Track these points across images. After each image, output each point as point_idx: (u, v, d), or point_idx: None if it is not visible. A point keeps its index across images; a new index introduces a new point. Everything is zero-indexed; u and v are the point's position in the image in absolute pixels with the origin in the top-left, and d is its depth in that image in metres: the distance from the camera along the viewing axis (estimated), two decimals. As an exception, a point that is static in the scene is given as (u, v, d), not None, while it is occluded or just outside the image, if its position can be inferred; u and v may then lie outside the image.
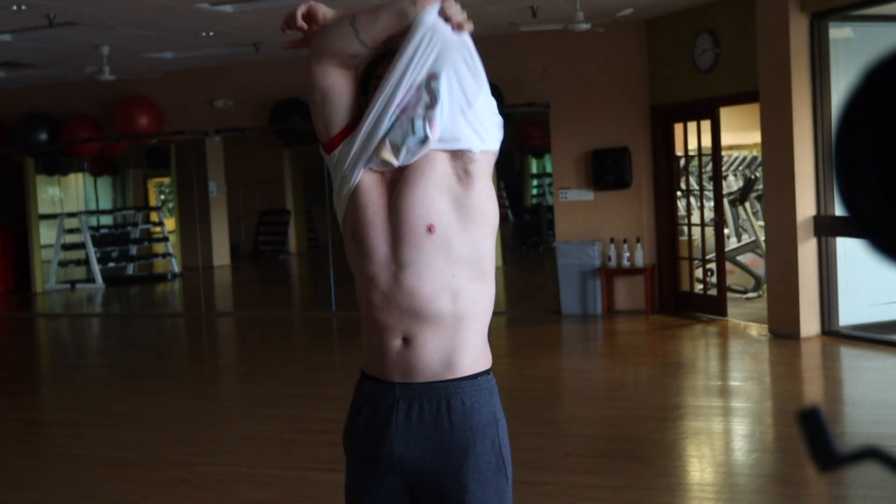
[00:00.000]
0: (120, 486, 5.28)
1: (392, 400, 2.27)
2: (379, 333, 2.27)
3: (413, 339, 2.24)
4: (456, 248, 2.21)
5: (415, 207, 2.19)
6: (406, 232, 2.20)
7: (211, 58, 11.67)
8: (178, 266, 16.96)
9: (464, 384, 2.26)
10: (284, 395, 7.32)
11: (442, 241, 2.19)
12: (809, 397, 6.76)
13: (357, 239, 2.27)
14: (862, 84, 0.85)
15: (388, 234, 2.22)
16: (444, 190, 2.21)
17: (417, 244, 2.19)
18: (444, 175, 2.21)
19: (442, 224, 2.19)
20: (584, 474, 5.13)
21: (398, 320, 2.24)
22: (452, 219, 2.20)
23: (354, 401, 2.37)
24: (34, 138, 13.04)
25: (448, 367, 2.25)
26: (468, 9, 2.05)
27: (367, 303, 2.29)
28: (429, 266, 2.20)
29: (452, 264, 2.21)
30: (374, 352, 2.30)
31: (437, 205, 2.19)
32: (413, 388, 2.26)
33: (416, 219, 2.19)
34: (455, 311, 2.23)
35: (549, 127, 10.87)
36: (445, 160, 2.22)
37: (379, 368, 2.30)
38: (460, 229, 2.21)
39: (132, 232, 17.64)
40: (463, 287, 2.23)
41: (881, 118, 0.84)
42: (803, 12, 8.30)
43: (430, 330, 2.23)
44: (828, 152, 8.34)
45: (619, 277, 10.43)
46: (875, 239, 0.86)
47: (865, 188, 0.85)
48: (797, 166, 8.34)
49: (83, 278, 16.01)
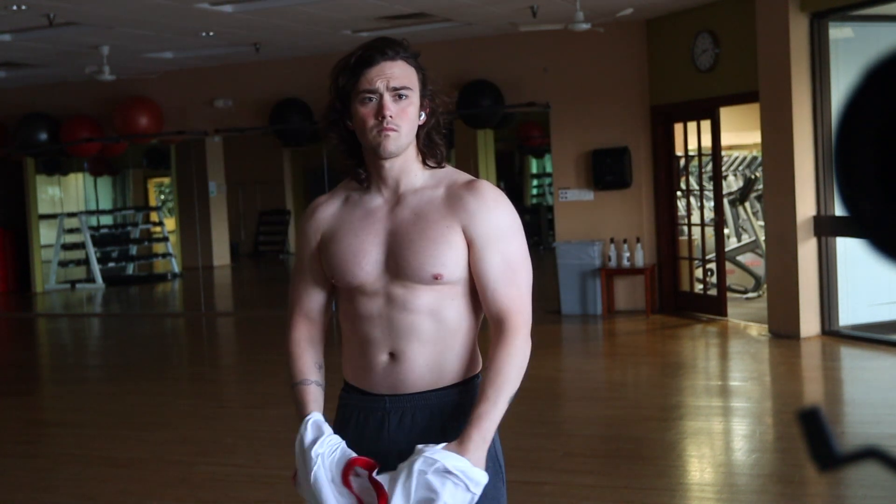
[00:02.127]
0: (120, 486, 5.28)
1: (382, 412, 2.26)
2: (364, 347, 2.26)
3: (400, 354, 2.23)
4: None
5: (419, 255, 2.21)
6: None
7: (211, 58, 11.66)
8: (178, 266, 16.96)
9: (455, 391, 2.26)
10: (284, 395, 7.27)
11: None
12: (809, 397, 6.76)
13: None
14: (862, 84, 0.85)
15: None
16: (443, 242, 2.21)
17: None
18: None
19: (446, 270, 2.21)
20: (584, 474, 5.13)
21: (385, 335, 2.23)
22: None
23: (340, 413, 2.34)
24: (34, 138, 13.04)
25: (438, 378, 2.24)
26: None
27: (352, 315, 2.28)
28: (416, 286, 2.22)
29: (440, 284, 2.21)
30: (359, 364, 2.29)
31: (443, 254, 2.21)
32: (403, 399, 2.25)
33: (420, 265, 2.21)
34: (442, 325, 2.22)
35: (549, 127, 10.86)
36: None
37: (365, 381, 2.28)
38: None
39: (132, 232, 17.64)
40: (448, 303, 2.23)
41: (881, 118, 0.84)
42: (803, 12, 8.29)
43: (418, 344, 2.22)
44: (828, 152, 8.34)
45: (619, 277, 10.43)
46: (875, 239, 0.86)
47: (865, 188, 0.85)
48: (797, 166, 8.33)
49: (83, 278, 16.01)
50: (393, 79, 2.17)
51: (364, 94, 2.17)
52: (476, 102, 10.73)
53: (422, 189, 2.25)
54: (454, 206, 2.21)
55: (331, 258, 2.27)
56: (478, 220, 2.19)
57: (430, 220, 2.20)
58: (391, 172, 2.24)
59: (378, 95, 2.17)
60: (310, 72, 11.71)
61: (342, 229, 2.28)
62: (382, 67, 2.17)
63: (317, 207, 2.36)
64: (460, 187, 2.23)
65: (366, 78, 2.17)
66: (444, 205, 2.22)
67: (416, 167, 2.26)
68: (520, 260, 2.23)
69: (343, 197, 2.34)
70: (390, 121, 2.16)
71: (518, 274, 2.22)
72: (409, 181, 2.25)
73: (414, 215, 2.22)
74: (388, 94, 2.17)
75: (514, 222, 2.23)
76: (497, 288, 2.19)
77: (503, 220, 2.22)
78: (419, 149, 2.26)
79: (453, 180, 2.26)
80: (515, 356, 2.15)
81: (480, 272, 2.20)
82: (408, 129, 2.19)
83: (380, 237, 2.23)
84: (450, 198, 2.22)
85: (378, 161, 2.23)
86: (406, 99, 2.18)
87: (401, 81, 2.18)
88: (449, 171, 2.30)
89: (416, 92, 2.21)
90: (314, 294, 2.36)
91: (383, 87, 2.17)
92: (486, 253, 2.19)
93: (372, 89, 2.17)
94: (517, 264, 2.22)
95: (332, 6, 8.99)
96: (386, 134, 2.17)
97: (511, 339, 2.16)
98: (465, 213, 2.20)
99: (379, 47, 2.19)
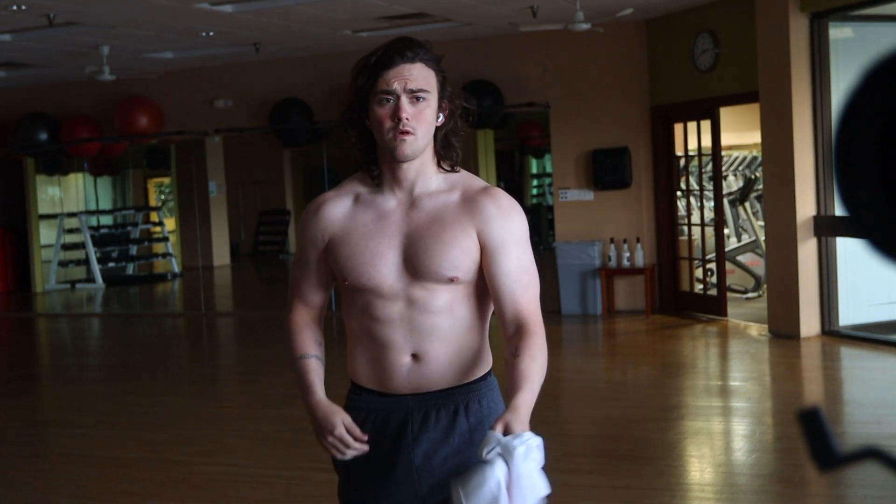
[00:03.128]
0: (120, 487, 5.28)
1: (405, 411, 2.26)
2: (382, 351, 2.26)
3: (424, 354, 2.24)
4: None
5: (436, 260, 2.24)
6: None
7: (211, 58, 11.66)
8: (178, 266, 16.96)
9: (477, 386, 2.29)
10: (284, 395, 7.31)
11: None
12: (809, 397, 6.76)
13: None
14: (862, 84, 0.85)
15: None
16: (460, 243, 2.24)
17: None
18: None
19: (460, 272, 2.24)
20: (584, 474, 5.13)
21: (407, 338, 2.24)
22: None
23: (352, 415, 2.29)
24: (34, 138, 13.03)
25: (460, 374, 2.27)
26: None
27: (367, 319, 2.27)
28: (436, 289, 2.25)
29: (455, 285, 2.24)
30: (376, 367, 2.28)
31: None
32: (427, 397, 2.26)
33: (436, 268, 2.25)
34: (459, 323, 2.25)
35: (549, 127, 10.86)
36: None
37: (383, 383, 2.28)
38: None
39: (132, 232, 17.63)
40: (462, 302, 2.25)
41: (881, 118, 0.84)
42: (803, 12, 8.29)
43: (440, 343, 2.24)
44: (828, 152, 8.34)
45: (619, 277, 10.43)
46: (875, 239, 0.86)
47: (865, 188, 0.85)
48: (797, 166, 8.33)
49: (83, 278, 16.00)
50: (410, 81, 2.17)
51: (381, 96, 2.17)
52: (476, 102, 10.71)
53: (436, 192, 2.26)
54: (471, 210, 2.22)
55: (344, 261, 2.26)
56: (494, 226, 2.21)
57: (446, 223, 2.21)
58: (407, 174, 2.25)
59: (395, 97, 2.17)
60: (310, 72, 11.72)
61: (355, 231, 2.27)
62: (401, 69, 2.17)
63: (323, 204, 2.33)
64: (477, 193, 2.25)
65: (384, 79, 2.17)
66: (460, 209, 2.23)
67: (431, 170, 2.26)
68: (531, 267, 2.28)
69: (352, 196, 2.31)
70: (406, 123, 2.16)
71: (532, 279, 2.27)
72: (424, 184, 2.26)
73: (430, 218, 2.22)
74: (406, 97, 2.17)
75: (526, 231, 2.27)
76: (515, 290, 2.23)
77: (518, 226, 2.25)
78: (435, 151, 2.26)
79: (469, 185, 2.27)
80: (540, 354, 2.19)
81: (496, 275, 2.22)
82: (424, 131, 2.19)
83: (396, 239, 2.23)
84: (466, 202, 2.23)
85: (394, 163, 2.23)
86: (423, 101, 2.18)
87: (418, 84, 2.17)
88: (464, 175, 2.30)
89: (433, 94, 2.21)
90: (317, 291, 2.37)
91: (400, 88, 2.16)
92: (502, 258, 2.22)
93: (389, 90, 2.16)
94: (530, 270, 2.27)
95: (332, 6, 8.99)
96: (402, 138, 2.17)
97: (534, 338, 2.20)
98: (481, 218, 2.21)
99: (398, 48, 2.19)
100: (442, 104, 2.23)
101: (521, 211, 2.28)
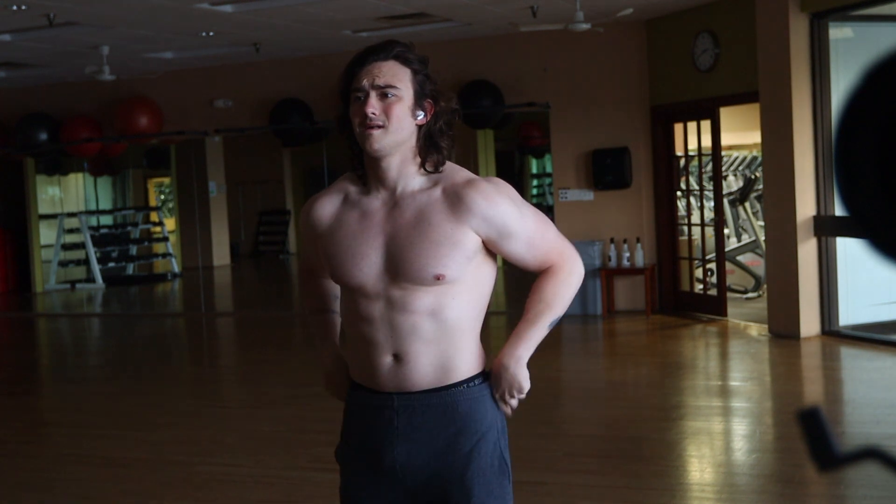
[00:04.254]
0: (120, 487, 5.28)
1: (390, 410, 2.26)
2: (367, 348, 2.26)
3: (404, 355, 2.23)
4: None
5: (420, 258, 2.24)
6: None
7: (211, 58, 11.66)
8: (178, 266, 16.96)
9: (462, 389, 2.26)
10: (284, 395, 7.31)
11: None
12: (809, 397, 6.76)
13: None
14: (862, 84, 0.85)
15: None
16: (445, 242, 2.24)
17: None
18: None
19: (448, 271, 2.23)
20: (584, 474, 5.13)
21: (387, 338, 2.23)
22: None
23: (348, 410, 2.37)
24: (34, 138, 13.04)
25: (444, 375, 2.24)
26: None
27: (354, 317, 2.29)
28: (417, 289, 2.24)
29: (441, 284, 2.21)
30: (363, 364, 2.29)
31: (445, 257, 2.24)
32: (411, 397, 2.25)
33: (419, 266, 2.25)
34: (444, 324, 2.22)
35: (549, 127, 10.86)
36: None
37: (370, 380, 2.29)
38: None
39: (132, 232, 17.63)
40: (449, 302, 2.22)
41: (881, 118, 0.84)
42: (803, 12, 8.29)
43: (421, 345, 2.22)
44: (828, 152, 8.34)
45: (619, 277, 10.43)
46: (875, 239, 0.86)
47: (865, 188, 0.85)
48: (797, 166, 8.33)
49: (83, 278, 16.00)
50: (378, 77, 2.18)
51: (354, 94, 2.20)
52: (476, 102, 10.73)
53: (420, 191, 2.24)
54: (458, 206, 2.19)
55: (330, 259, 2.29)
56: (488, 217, 2.20)
57: (433, 222, 2.20)
58: (388, 173, 2.23)
59: (364, 93, 2.18)
60: (310, 72, 11.72)
61: (340, 230, 2.28)
62: (371, 67, 2.19)
63: (313, 203, 2.36)
64: (460, 188, 2.21)
65: (357, 77, 2.20)
66: (445, 205, 2.20)
67: (413, 169, 2.24)
68: (537, 223, 2.29)
69: (341, 195, 2.33)
70: (373, 118, 2.16)
71: (543, 229, 2.29)
72: (406, 183, 2.24)
73: (414, 218, 2.21)
74: (374, 92, 2.18)
75: (517, 200, 2.25)
76: (535, 255, 2.29)
77: (509, 206, 2.23)
78: (418, 150, 2.24)
79: (451, 181, 2.24)
80: (557, 284, 2.28)
81: (512, 255, 2.28)
82: (395, 127, 2.18)
83: (378, 240, 2.23)
84: (451, 198, 2.20)
85: (373, 161, 2.23)
86: (393, 97, 2.18)
87: (386, 80, 2.18)
88: (447, 170, 2.27)
89: (405, 90, 2.19)
90: (326, 277, 2.48)
91: (368, 85, 2.18)
92: (509, 241, 2.24)
93: (359, 87, 2.19)
94: (539, 228, 2.28)
95: (332, 6, 8.99)
96: (369, 132, 2.17)
97: (556, 270, 2.29)
98: (471, 214, 2.19)
99: (374, 48, 2.22)
100: (424, 103, 2.22)
101: (506, 186, 2.25)
